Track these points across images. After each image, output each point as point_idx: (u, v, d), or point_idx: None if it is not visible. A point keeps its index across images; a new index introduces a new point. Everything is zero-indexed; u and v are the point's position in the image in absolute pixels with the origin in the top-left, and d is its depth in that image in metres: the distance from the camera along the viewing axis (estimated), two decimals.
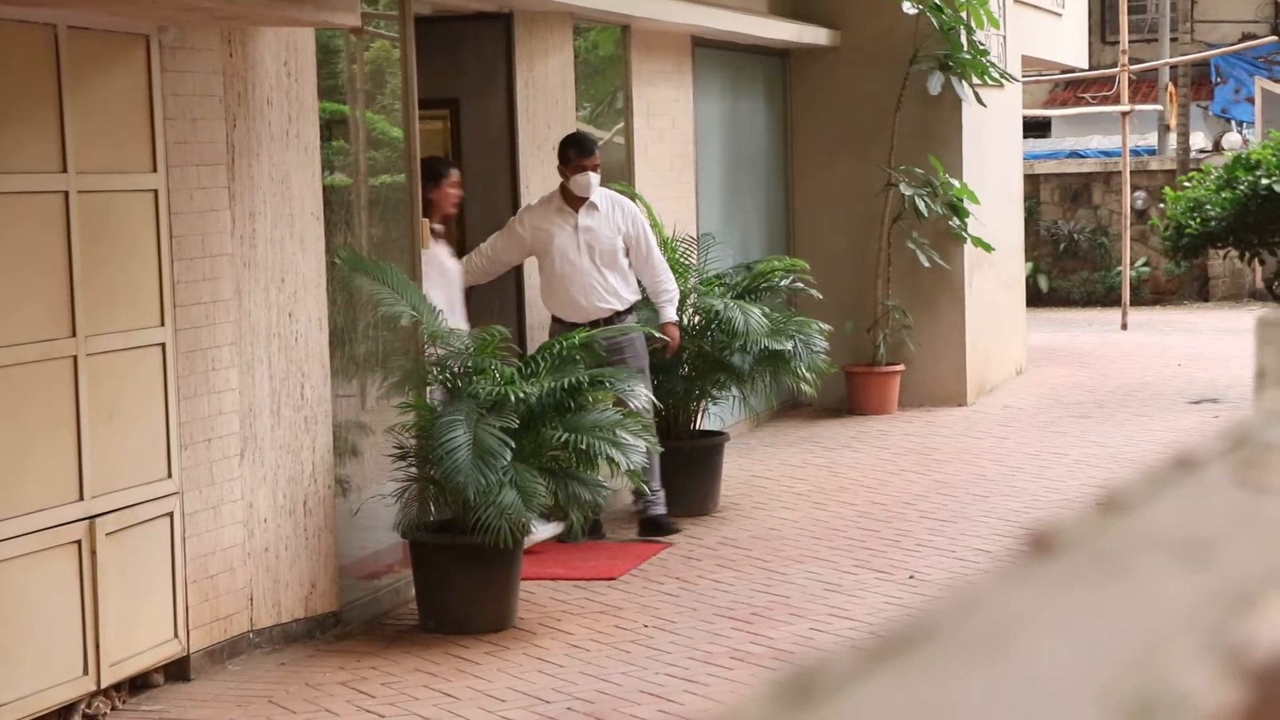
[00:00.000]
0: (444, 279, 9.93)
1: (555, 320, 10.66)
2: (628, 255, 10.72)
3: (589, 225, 10.56)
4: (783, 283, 12.07)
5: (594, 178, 10.55)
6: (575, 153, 10.56)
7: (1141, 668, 0.78)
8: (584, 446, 8.79)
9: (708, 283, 11.64)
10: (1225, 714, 0.76)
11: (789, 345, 11.14)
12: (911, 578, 9.66)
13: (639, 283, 10.88)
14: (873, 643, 0.84)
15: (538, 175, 11.28)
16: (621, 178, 12.56)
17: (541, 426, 8.86)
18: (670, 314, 10.77)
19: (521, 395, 8.75)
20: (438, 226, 10.04)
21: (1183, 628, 0.84)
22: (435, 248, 9.91)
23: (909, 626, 0.86)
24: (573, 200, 10.56)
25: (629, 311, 10.65)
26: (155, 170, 7.91)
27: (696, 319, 11.48)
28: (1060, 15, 20.26)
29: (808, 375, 11.28)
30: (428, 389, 9.17)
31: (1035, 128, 27.45)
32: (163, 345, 7.95)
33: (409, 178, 9.82)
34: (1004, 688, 0.78)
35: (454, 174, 10.07)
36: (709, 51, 14.22)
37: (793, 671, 0.78)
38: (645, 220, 10.91)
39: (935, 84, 14.82)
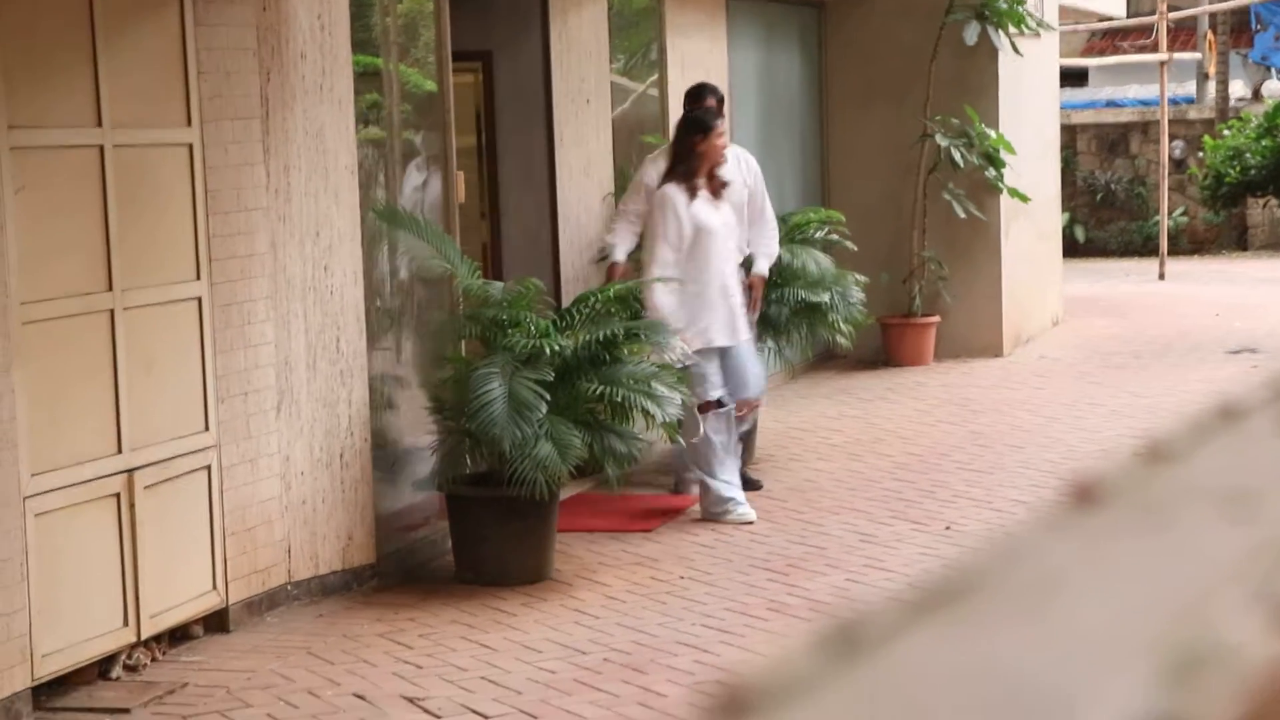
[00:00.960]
0: (682, 237, 9.76)
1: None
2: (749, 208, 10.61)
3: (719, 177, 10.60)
4: (818, 234, 12.03)
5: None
6: (689, 99, 10.78)
7: (1188, 620, 0.78)
8: (619, 399, 8.79)
9: None
10: (1273, 666, 0.75)
11: (826, 297, 11.12)
12: (948, 529, 9.66)
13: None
14: (916, 595, 0.84)
15: (571, 128, 11.26)
16: (656, 130, 12.54)
17: (577, 379, 8.86)
18: (764, 268, 10.65)
19: (557, 348, 8.75)
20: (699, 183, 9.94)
21: (1229, 580, 0.84)
22: (699, 203, 9.80)
23: (952, 579, 0.86)
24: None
25: (741, 265, 10.50)
26: (190, 125, 7.92)
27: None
28: None
29: (844, 327, 11.26)
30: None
31: (1072, 77, 27.24)
32: (199, 299, 7.97)
33: (443, 131, 9.82)
34: (1049, 641, 0.77)
35: (721, 124, 10.10)
36: (743, 3, 14.17)
37: (836, 623, 0.78)
38: (761, 174, 10.88)
39: (972, 34, 14.74)
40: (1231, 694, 0.72)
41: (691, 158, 9.81)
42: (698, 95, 10.79)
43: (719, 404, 9.88)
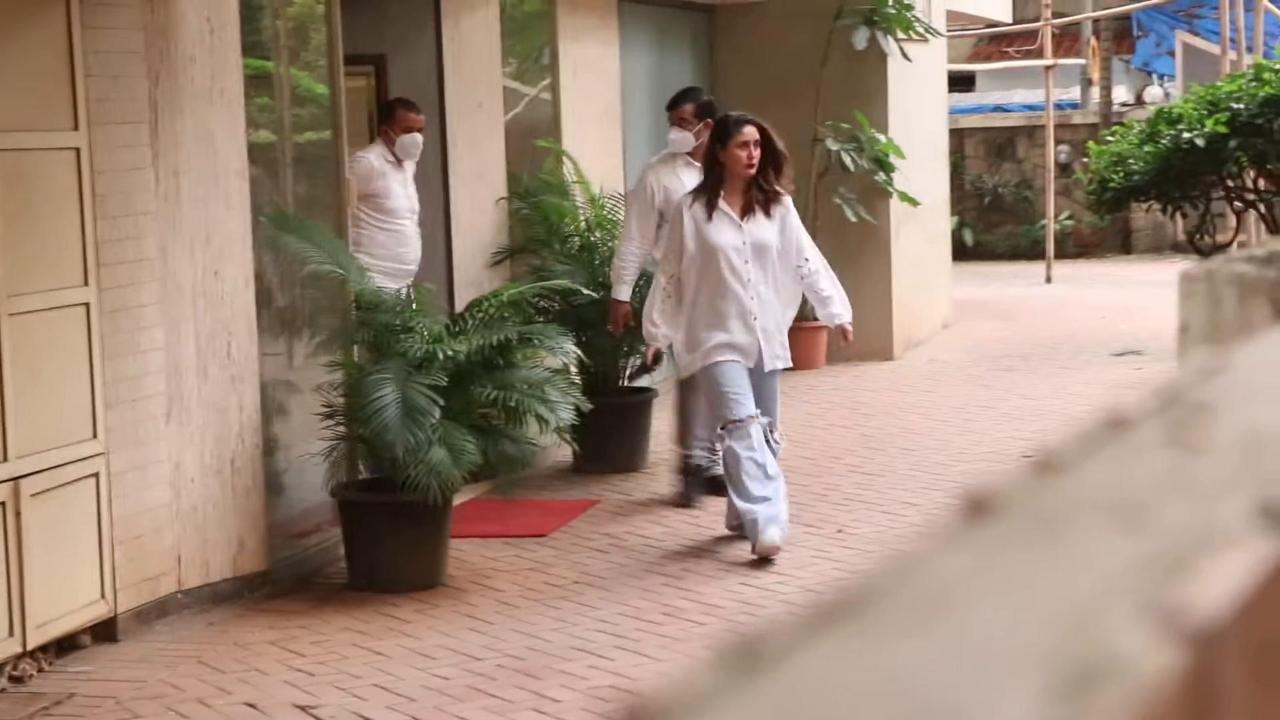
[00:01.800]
0: (686, 258, 9.14)
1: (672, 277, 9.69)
2: None
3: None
4: None
5: (679, 135, 10.61)
6: (668, 106, 10.87)
7: (1080, 633, 0.79)
8: (513, 404, 8.79)
9: None
10: (1164, 678, 0.77)
11: None
12: (840, 531, 9.72)
13: None
14: (812, 609, 0.84)
15: (464, 131, 11.25)
16: (549, 134, 12.54)
17: (470, 384, 8.85)
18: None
19: (450, 353, 8.74)
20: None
21: (1119, 591, 0.85)
22: (719, 222, 9.08)
23: (848, 592, 0.87)
24: (692, 153, 10.41)
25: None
26: (77, 128, 7.85)
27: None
28: None
29: None
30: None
31: (960, 82, 27.45)
32: (87, 305, 7.89)
33: (335, 134, 9.78)
34: (944, 655, 0.78)
35: (746, 131, 9.04)
36: (635, 7, 14.19)
37: (735, 638, 0.78)
38: None
39: (861, 39, 14.84)
40: (1123, 707, 0.73)
41: (712, 170, 9.17)
42: (675, 104, 10.81)
43: (748, 420, 9.05)
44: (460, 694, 7.24)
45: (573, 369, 9.86)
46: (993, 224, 26.37)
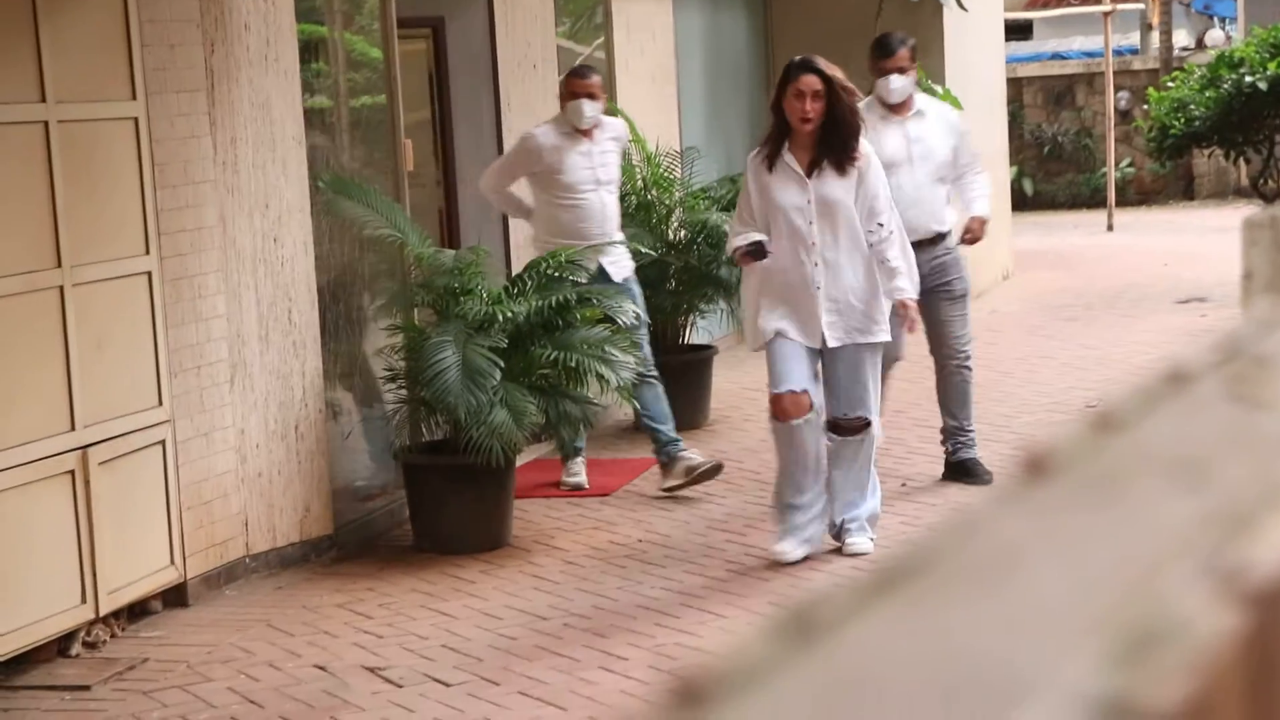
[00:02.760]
0: (753, 215, 8.17)
1: None
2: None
3: (919, 134, 9.41)
4: None
5: (901, 81, 9.37)
6: (876, 54, 9.49)
7: (1139, 595, 0.78)
8: (573, 364, 8.79)
9: (694, 196, 11.58)
10: (1224, 639, 0.76)
11: None
12: (904, 485, 9.69)
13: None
14: (871, 574, 0.84)
15: (519, 92, 11.23)
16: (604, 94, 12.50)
17: (530, 345, 8.85)
18: (980, 208, 9.56)
19: (509, 314, 8.74)
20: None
21: (1180, 552, 0.84)
22: (779, 175, 8.09)
23: (907, 556, 0.86)
24: (896, 106, 9.42)
25: (949, 233, 9.49)
26: (135, 98, 7.87)
27: (683, 233, 11.44)
28: None
29: None
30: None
31: (1017, 31, 27.28)
32: (149, 274, 7.93)
33: (389, 99, 9.78)
34: (1003, 619, 0.77)
35: (804, 80, 7.98)
36: None
37: (794, 607, 0.78)
38: (965, 129, 9.80)
39: None
40: (1183, 669, 0.72)
41: (776, 119, 8.13)
42: (888, 51, 9.51)
43: (797, 405, 8.03)
44: (527, 653, 7.26)
45: (642, 328, 9.79)
46: (1052, 173, 26.17)
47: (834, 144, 7.93)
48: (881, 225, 8.03)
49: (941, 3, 14.94)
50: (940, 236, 9.34)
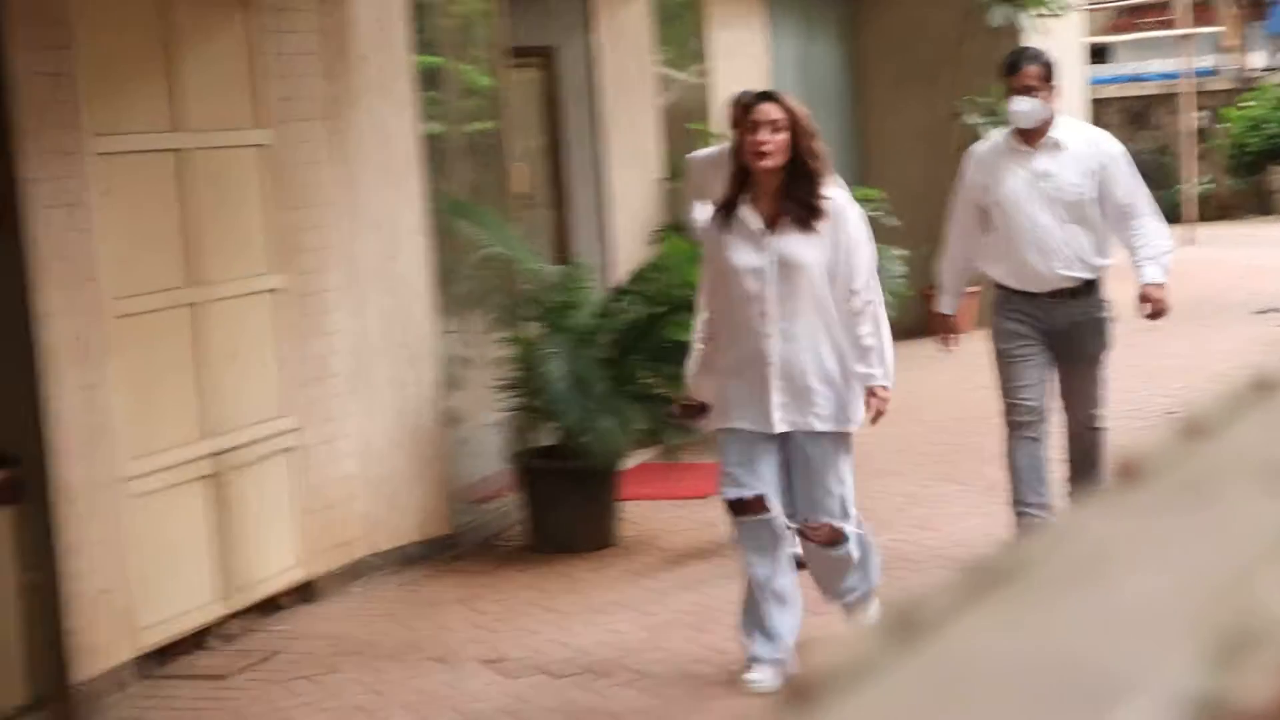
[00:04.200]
0: (713, 279, 6.50)
1: (1001, 288, 7.75)
2: (1099, 208, 7.54)
3: (1049, 169, 7.49)
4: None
5: (1027, 103, 7.48)
6: (1002, 73, 7.66)
7: (1232, 597, 0.76)
8: (675, 373, 8.77)
9: None
10: None
11: None
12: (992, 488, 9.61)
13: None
14: (968, 576, 0.82)
15: (621, 116, 11.23)
16: (700, 117, 12.51)
17: (634, 355, 8.86)
18: (1152, 274, 7.59)
19: (613, 327, 8.77)
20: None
21: (1271, 554, 0.82)
22: (736, 235, 6.29)
23: (1005, 558, 0.85)
24: (1027, 135, 7.56)
25: (1098, 285, 7.70)
26: (261, 126, 7.93)
27: None
28: None
29: (887, 299, 11.17)
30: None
31: (1097, 54, 27.06)
32: (274, 291, 7.99)
33: (500, 124, 9.81)
34: (1098, 620, 0.76)
35: (760, 109, 6.21)
36: None
37: (895, 607, 0.77)
38: (1130, 164, 7.73)
39: (997, 16, 14.66)
40: (1277, 670, 0.70)
41: (736, 166, 6.33)
42: (1014, 67, 7.57)
43: (751, 508, 6.41)
44: (634, 646, 7.25)
45: None
46: None
47: (798, 193, 6.15)
48: (856, 293, 6.22)
49: (1021, 28, 14.83)
50: (1080, 289, 7.59)
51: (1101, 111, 25.67)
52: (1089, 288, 7.62)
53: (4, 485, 6.64)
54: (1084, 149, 7.53)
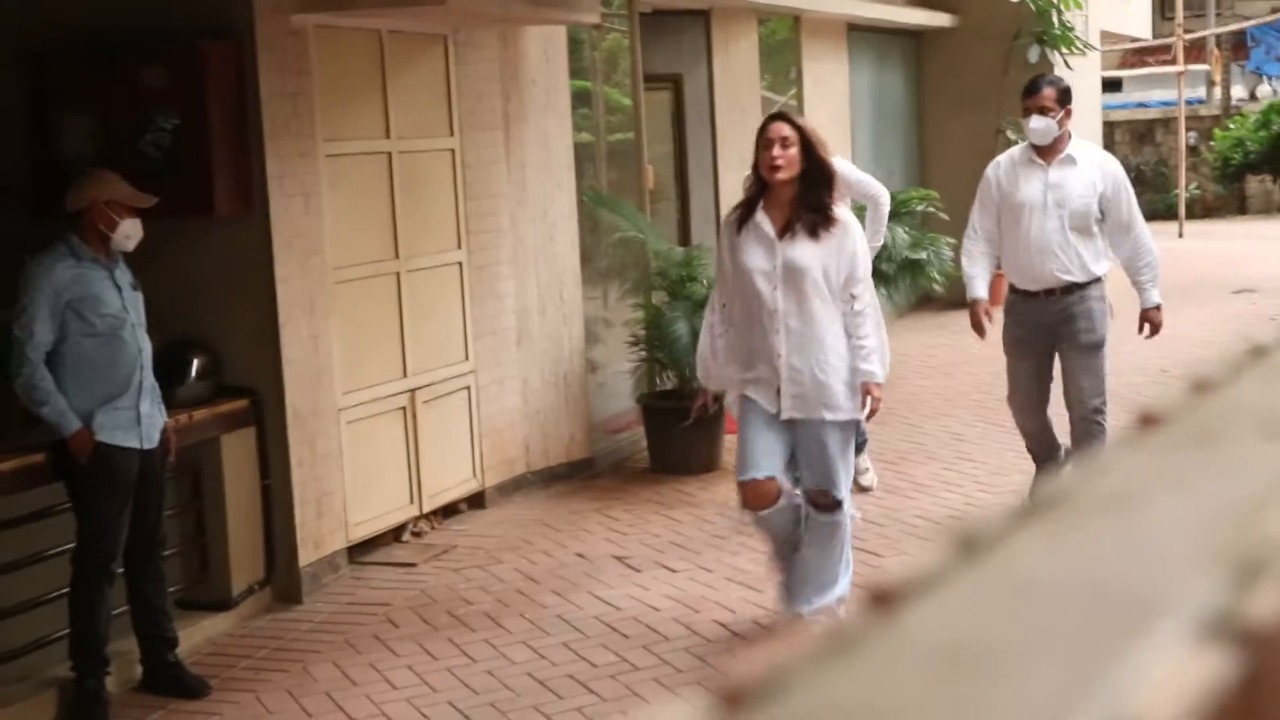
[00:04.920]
0: (724, 277, 5.77)
1: (1010, 290, 7.18)
2: (1101, 222, 6.98)
3: (1059, 180, 6.90)
4: (919, 208, 11.80)
5: (1043, 122, 6.87)
6: (1023, 94, 7.01)
7: (1244, 526, 0.72)
8: None
9: (863, 209, 11.39)
10: None
11: (924, 255, 10.89)
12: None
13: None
14: (1022, 503, 0.78)
15: (732, 130, 11.15)
16: None
17: None
18: (1155, 298, 7.20)
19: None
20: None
21: (1275, 489, 0.77)
22: (747, 236, 5.61)
23: (1049, 489, 0.80)
24: (1042, 151, 6.97)
25: (1093, 284, 6.97)
26: (452, 134, 7.95)
27: None
28: None
29: (938, 277, 11.03)
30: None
31: (1110, 85, 26.60)
32: (460, 263, 8.02)
33: (636, 135, 9.77)
34: (1128, 545, 0.72)
35: (772, 127, 5.61)
36: (860, 34, 13.93)
37: (959, 530, 0.73)
38: (1130, 186, 7.15)
39: (1034, 54, 14.41)
40: None
41: (755, 178, 5.68)
42: (1032, 90, 6.98)
43: (763, 493, 5.64)
44: (733, 549, 7.23)
45: None
46: (1136, 193, 25.52)
47: (809, 202, 5.49)
48: (855, 297, 5.53)
49: (1052, 64, 14.56)
50: (1072, 286, 6.91)
51: (1112, 132, 25.30)
52: (1077, 286, 6.91)
53: (246, 411, 6.72)
54: (1092, 168, 6.94)
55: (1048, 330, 6.89)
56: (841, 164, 7.17)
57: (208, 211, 6.47)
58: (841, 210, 5.54)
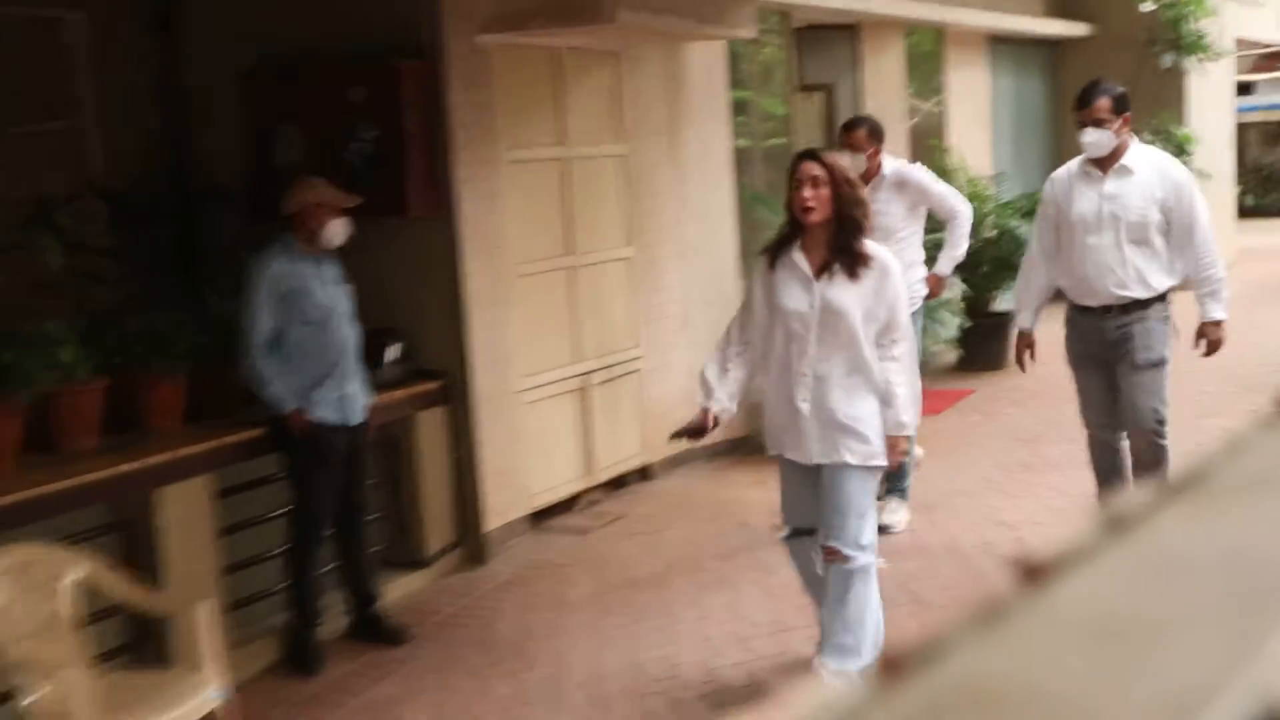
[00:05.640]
0: (753, 318, 5.02)
1: (1068, 304, 6.18)
2: (1165, 233, 5.96)
3: (1115, 192, 5.95)
4: None
5: (1096, 134, 5.93)
6: (1077, 105, 6.00)
7: None
8: (920, 325, 8.60)
9: (1001, 206, 11.20)
10: None
11: None
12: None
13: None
14: (1167, 481, 0.75)
15: None
16: (938, 135, 12.19)
17: None
18: (1214, 312, 6.08)
19: None
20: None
21: None
22: (783, 274, 4.88)
23: (1192, 468, 0.77)
24: (1100, 161, 6.01)
25: (1155, 302, 5.99)
26: (621, 141, 7.97)
27: (994, 232, 11.07)
28: (1263, 5, 18.82)
29: None
30: None
31: (1243, 88, 25.69)
32: (628, 258, 8.03)
33: (790, 140, 9.69)
34: (1271, 521, 0.68)
35: (803, 167, 4.80)
36: (1000, 44, 13.65)
37: (1108, 507, 0.70)
38: (1195, 192, 5.98)
39: (1167, 60, 13.99)
40: None
41: (790, 216, 4.87)
42: (1086, 100, 5.99)
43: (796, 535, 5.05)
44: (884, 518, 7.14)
45: (958, 297, 9.52)
46: (1268, 190, 24.83)
47: (843, 242, 4.77)
48: (896, 342, 4.79)
49: (1185, 70, 14.11)
50: (1132, 304, 5.97)
51: (1245, 132, 24.45)
52: (1139, 307, 5.96)
53: (438, 392, 6.83)
54: (1151, 175, 5.93)
55: (1107, 347, 6.05)
56: (922, 174, 6.96)
57: (402, 212, 6.58)
58: (877, 248, 4.82)
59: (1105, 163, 5.96)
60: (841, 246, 4.74)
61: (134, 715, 4.28)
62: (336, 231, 5.62)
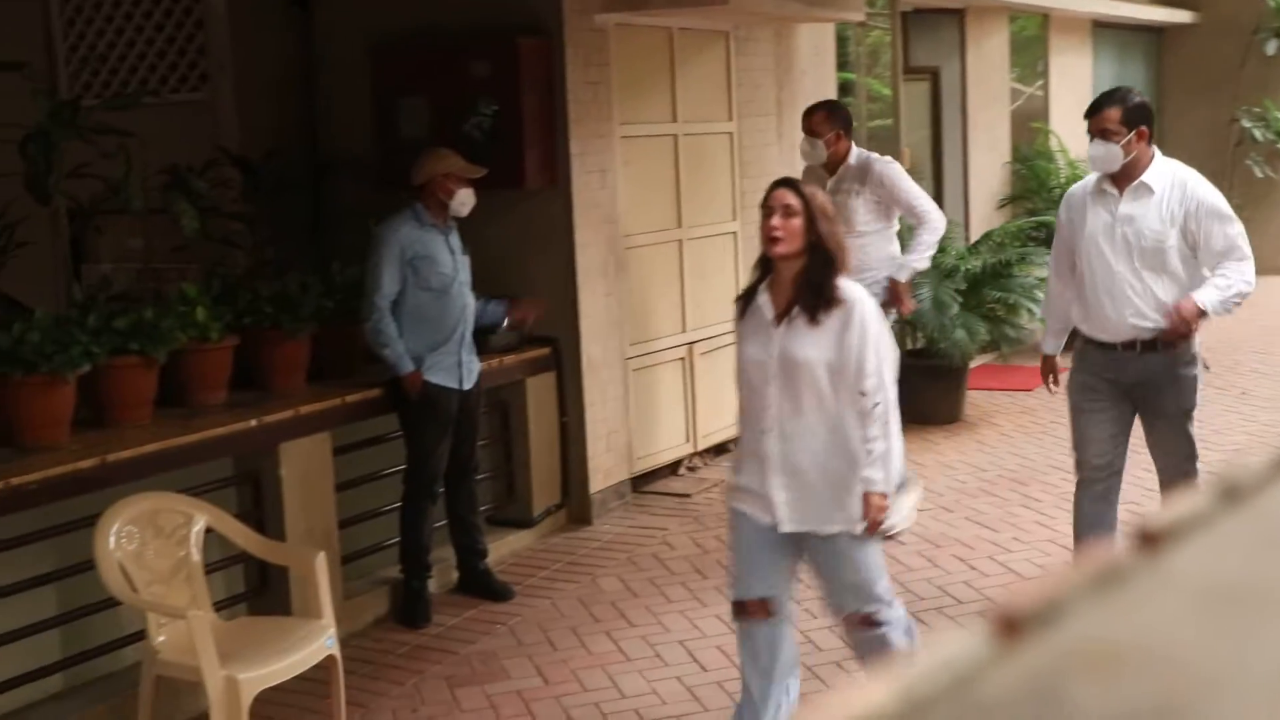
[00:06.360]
0: (741, 367, 4.31)
1: (1080, 338, 5.18)
2: (1188, 259, 4.97)
3: (1130, 213, 4.97)
4: None
5: (1100, 148, 4.97)
6: (1086, 114, 5.07)
7: None
8: (1011, 302, 8.48)
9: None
10: None
11: None
12: (1243, 393, 8.98)
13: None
14: (1273, 452, 0.72)
15: (982, 117, 10.82)
16: (1040, 119, 11.95)
17: (983, 288, 8.56)
18: (1204, 296, 4.88)
19: (968, 267, 8.49)
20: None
21: None
22: (751, 321, 4.26)
23: None
24: (1116, 179, 5.02)
25: (1181, 341, 4.99)
26: (730, 120, 7.92)
27: None
28: None
29: None
30: None
31: None
32: (734, 233, 7.99)
33: (895, 121, 9.56)
34: None
35: (774, 195, 4.09)
36: (1104, 30, 13.32)
37: (1222, 478, 0.67)
38: (1224, 209, 5.01)
39: (1272, 47, 13.55)
40: None
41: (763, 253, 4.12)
42: (1096, 110, 5.06)
43: (750, 611, 4.19)
44: (972, 492, 7.06)
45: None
46: None
47: (812, 281, 3.99)
48: (865, 394, 3.96)
49: None
50: (1155, 343, 4.97)
51: None
52: (1169, 345, 4.97)
53: (549, 358, 6.85)
54: (1169, 193, 4.97)
55: (1124, 389, 5.09)
56: (893, 169, 6.40)
57: (519, 184, 6.60)
58: (849, 288, 4.00)
59: (1122, 180, 4.98)
60: (809, 286, 3.97)
61: (254, 659, 4.37)
62: (464, 202, 5.65)
